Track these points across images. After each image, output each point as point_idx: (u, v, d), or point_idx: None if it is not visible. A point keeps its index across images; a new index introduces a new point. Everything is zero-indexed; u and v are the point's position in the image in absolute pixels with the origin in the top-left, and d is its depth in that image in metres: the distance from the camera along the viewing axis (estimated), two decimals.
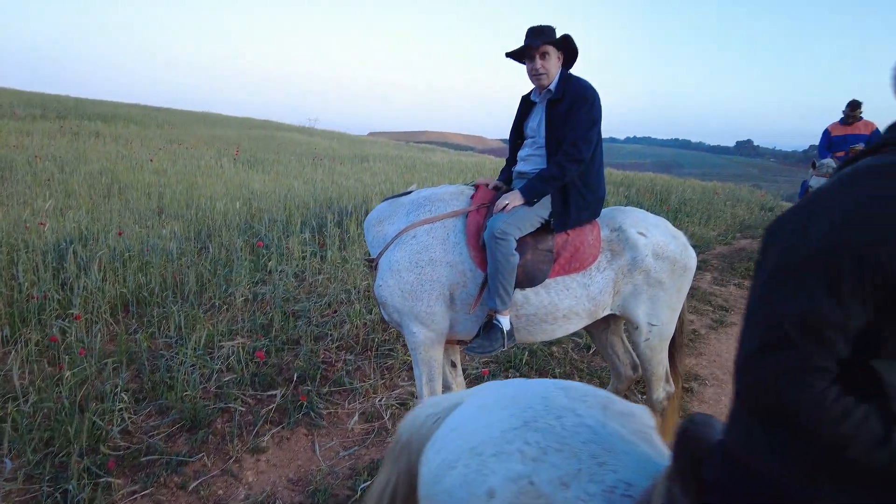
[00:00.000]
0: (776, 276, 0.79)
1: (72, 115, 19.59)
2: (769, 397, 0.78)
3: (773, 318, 0.77)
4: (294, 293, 4.51)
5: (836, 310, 0.74)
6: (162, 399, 3.07)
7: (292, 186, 8.49)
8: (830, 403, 0.74)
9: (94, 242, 4.84)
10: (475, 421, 1.22)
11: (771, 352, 0.77)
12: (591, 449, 1.08)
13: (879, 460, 0.73)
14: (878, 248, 0.72)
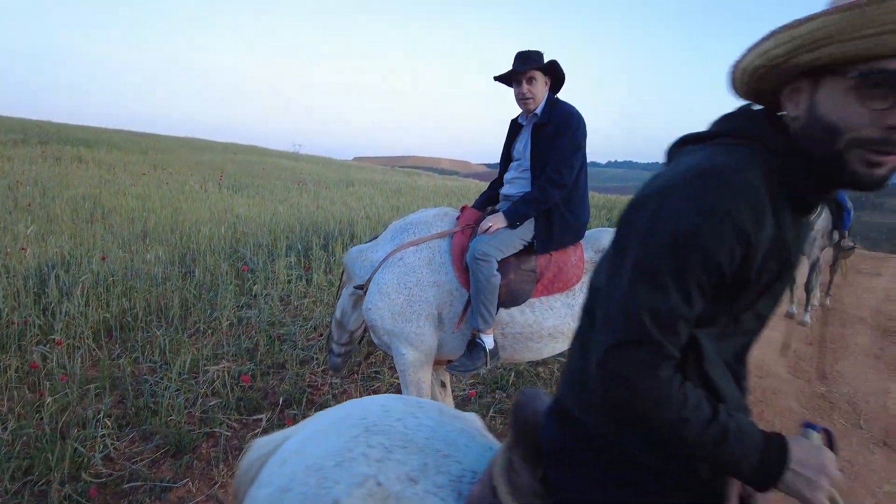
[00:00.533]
0: (634, 276, 0.85)
1: (54, 140, 19.47)
2: (624, 387, 0.85)
3: (632, 316, 0.83)
4: (279, 317, 4.50)
5: (685, 304, 0.82)
6: (146, 424, 3.03)
7: (277, 211, 8.50)
8: (675, 391, 0.83)
9: (77, 267, 4.80)
10: (309, 443, 1.18)
11: (630, 346, 0.84)
12: (435, 444, 1.11)
13: (709, 437, 0.82)
14: (716, 245, 0.80)
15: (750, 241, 0.80)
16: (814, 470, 0.84)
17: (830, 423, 3.63)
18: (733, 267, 0.82)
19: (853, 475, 3.06)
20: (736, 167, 0.84)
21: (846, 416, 3.76)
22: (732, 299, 0.86)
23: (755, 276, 0.85)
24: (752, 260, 0.82)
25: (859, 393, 4.14)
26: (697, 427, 0.83)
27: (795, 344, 5.18)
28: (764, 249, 0.83)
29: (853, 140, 0.80)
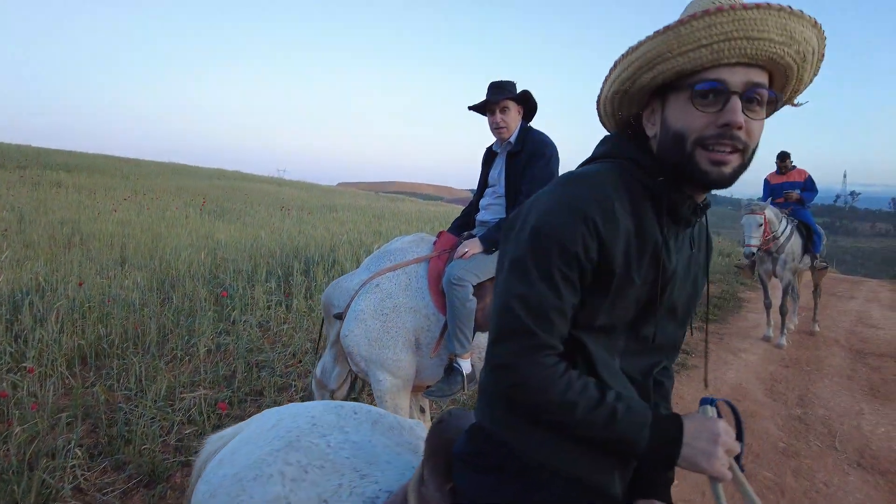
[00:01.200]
0: (507, 272, 0.94)
1: (33, 164, 19.26)
2: (508, 375, 0.92)
3: (506, 308, 0.92)
4: (258, 343, 4.47)
5: (553, 295, 0.89)
6: (119, 454, 2.97)
7: (259, 236, 8.47)
8: (558, 377, 0.90)
9: (53, 293, 4.73)
10: (243, 446, 1.22)
11: (508, 337, 0.92)
12: (355, 463, 1.13)
13: (599, 418, 0.89)
14: (569, 236, 0.89)
15: (600, 233, 0.89)
16: (706, 441, 0.89)
17: (806, 445, 3.67)
18: (591, 257, 0.89)
19: (829, 496, 3.08)
20: (592, 172, 0.96)
21: (821, 437, 3.80)
22: (604, 294, 0.92)
23: (622, 271, 0.92)
24: (610, 253, 0.90)
25: (834, 414, 4.20)
26: (584, 409, 0.89)
27: (772, 367, 5.25)
28: (623, 245, 0.91)
29: (696, 141, 0.90)
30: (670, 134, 0.94)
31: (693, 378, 4.75)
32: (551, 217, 0.91)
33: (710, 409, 0.94)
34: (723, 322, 6.90)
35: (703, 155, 0.90)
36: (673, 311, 1.04)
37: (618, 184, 0.95)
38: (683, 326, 1.09)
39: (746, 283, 9.17)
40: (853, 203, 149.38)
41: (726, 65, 0.88)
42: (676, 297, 1.03)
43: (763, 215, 5.74)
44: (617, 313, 0.95)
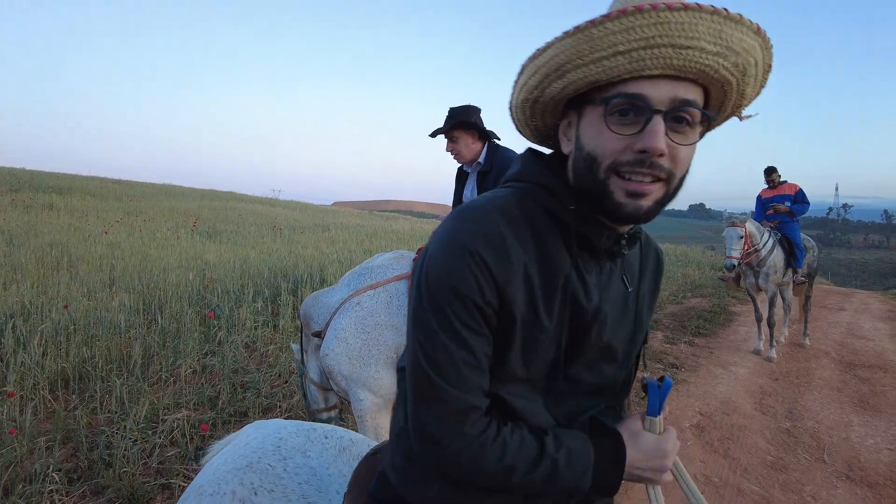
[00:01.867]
0: (411, 325, 0.83)
1: (25, 187, 19.24)
2: (436, 450, 0.81)
3: (416, 367, 0.80)
4: (244, 364, 4.44)
5: (460, 348, 0.78)
6: (98, 478, 2.93)
7: (248, 256, 8.46)
8: (491, 443, 0.79)
9: (38, 316, 4.70)
10: (220, 458, 1.25)
11: (426, 402, 0.80)
12: (305, 490, 1.14)
13: (539, 476, 0.81)
14: (461, 280, 0.77)
15: (493, 272, 0.77)
16: (654, 471, 0.85)
17: (795, 458, 3.65)
18: (489, 301, 0.78)
19: None
20: (484, 202, 0.83)
21: (810, 450, 3.78)
22: (510, 340, 0.81)
23: (527, 313, 0.81)
24: (508, 294, 0.79)
25: (823, 427, 4.19)
26: (524, 469, 0.80)
27: (762, 380, 5.24)
28: (522, 284, 0.80)
29: (610, 167, 0.77)
30: (583, 154, 0.81)
31: (682, 393, 4.73)
32: (439, 260, 0.79)
33: (658, 422, 0.87)
34: (713, 336, 6.90)
35: (618, 184, 0.77)
36: (609, 353, 0.91)
37: (514, 213, 0.82)
38: (626, 366, 0.96)
39: (737, 296, 9.19)
40: (846, 215, 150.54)
41: (648, 77, 0.74)
42: (609, 337, 0.89)
43: (744, 228, 5.80)
44: (534, 363, 0.84)
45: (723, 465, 3.51)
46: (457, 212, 0.83)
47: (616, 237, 0.86)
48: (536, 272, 0.81)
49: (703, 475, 3.36)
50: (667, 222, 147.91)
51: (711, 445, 3.77)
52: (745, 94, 0.82)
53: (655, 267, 1.02)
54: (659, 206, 0.80)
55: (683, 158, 0.78)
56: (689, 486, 0.90)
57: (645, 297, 0.98)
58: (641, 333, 0.98)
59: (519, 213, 0.82)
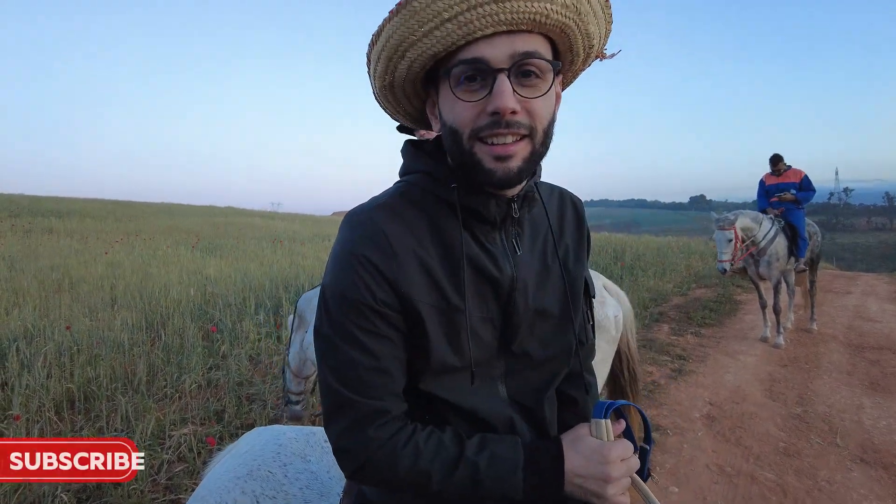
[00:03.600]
0: (316, 346, 0.82)
1: (25, 213, 19.31)
2: (348, 460, 0.80)
3: (323, 384, 0.80)
4: (248, 376, 4.42)
5: (363, 355, 0.78)
6: (107, 497, 2.91)
7: (248, 270, 8.45)
8: (402, 447, 0.78)
9: (41, 338, 4.69)
10: (221, 466, 1.25)
11: (334, 414, 0.80)
12: (307, 494, 1.13)
13: (460, 479, 0.77)
14: (350, 286, 0.77)
15: (382, 271, 0.77)
16: (596, 481, 0.78)
17: (807, 443, 3.61)
18: (385, 301, 0.77)
19: (832, 494, 3.03)
20: (364, 208, 0.83)
21: (823, 434, 3.75)
22: (425, 333, 0.80)
23: (435, 300, 0.80)
24: (405, 289, 0.78)
25: (834, 410, 4.15)
26: (441, 474, 0.77)
27: (771, 367, 5.20)
28: (418, 275, 0.79)
29: (471, 135, 0.76)
30: (446, 129, 0.79)
31: (690, 383, 4.70)
32: (330, 274, 0.80)
33: (604, 425, 0.82)
34: (719, 325, 6.87)
35: (484, 151, 0.76)
36: (545, 316, 0.90)
37: (398, 206, 0.82)
38: (567, 328, 0.93)
39: (742, 285, 9.16)
40: (847, 199, 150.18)
41: (482, 38, 0.72)
42: (537, 301, 0.88)
43: (733, 230, 5.78)
44: (466, 348, 0.82)
45: (735, 454, 3.47)
46: (344, 220, 0.83)
47: (506, 202, 0.84)
48: (433, 255, 0.81)
49: (715, 464, 3.33)
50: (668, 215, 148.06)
51: (723, 434, 3.74)
52: (590, 34, 0.80)
53: (574, 217, 0.99)
54: (530, 164, 0.78)
55: (539, 111, 0.76)
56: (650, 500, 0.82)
57: (570, 250, 0.96)
58: (577, 286, 0.95)
59: (403, 205, 0.83)
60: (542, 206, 0.93)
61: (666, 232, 26.27)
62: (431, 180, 0.85)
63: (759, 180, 6.75)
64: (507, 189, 0.82)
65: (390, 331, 0.79)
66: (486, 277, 0.84)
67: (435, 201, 0.84)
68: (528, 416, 0.89)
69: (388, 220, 0.80)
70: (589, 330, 1.03)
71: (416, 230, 0.81)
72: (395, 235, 0.79)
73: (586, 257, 1.00)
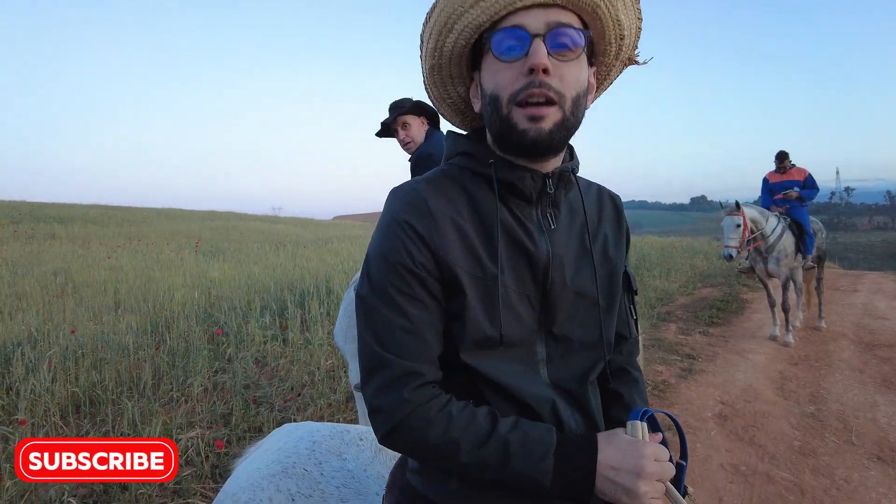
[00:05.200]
0: (358, 314, 0.86)
1: (27, 219, 19.29)
2: (381, 419, 0.81)
3: (361, 348, 0.84)
4: (255, 379, 4.38)
5: (399, 317, 0.81)
6: (115, 501, 2.87)
7: (252, 273, 8.42)
8: (436, 412, 0.79)
9: (45, 343, 4.65)
10: (252, 463, 1.23)
11: (369, 375, 0.82)
12: (343, 493, 1.11)
13: (489, 455, 0.77)
14: (392, 249, 0.82)
15: (420, 234, 0.82)
16: (629, 474, 0.75)
17: (822, 441, 3.57)
18: (423, 263, 0.82)
19: (850, 493, 2.98)
20: (409, 182, 0.89)
21: (837, 433, 3.70)
22: (462, 300, 0.83)
23: (471, 266, 0.83)
24: (443, 253, 0.82)
25: (848, 408, 4.10)
26: (471, 446, 0.77)
27: (781, 365, 5.16)
28: (455, 240, 0.83)
29: (510, 98, 0.82)
30: (487, 99, 0.86)
31: (700, 382, 4.66)
32: (375, 241, 0.86)
33: (640, 427, 0.80)
34: (727, 324, 6.82)
35: (519, 113, 0.82)
36: (585, 299, 0.91)
37: (439, 180, 0.88)
38: (610, 315, 0.95)
39: (748, 284, 9.11)
40: (849, 199, 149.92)
41: (522, 9, 0.81)
42: (576, 282, 0.90)
43: (741, 216, 5.73)
44: (501, 320, 0.84)
45: (749, 453, 3.43)
46: (389, 194, 0.89)
47: (541, 178, 0.88)
48: (470, 225, 0.85)
49: (730, 464, 3.28)
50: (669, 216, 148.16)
51: (736, 434, 3.69)
52: (620, 21, 0.87)
53: (614, 210, 1.02)
54: (561, 131, 0.83)
55: (569, 78, 0.82)
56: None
57: (609, 238, 0.98)
58: (618, 276, 0.97)
59: (444, 180, 0.89)
60: (579, 191, 0.96)
61: (668, 233, 26.26)
62: (470, 158, 0.90)
63: (763, 178, 6.71)
64: (540, 154, 0.86)
65: (426, 296, 0.82)
66: (521, 250, 0.87)
67: (473, 177, 0.89)
68: (572, 400, 0.89)
69: (429, 191, 0.86)
70: (632, 325, 1.03)
71: (455, 201, 0.86)
72: (435, 204, 0.84)
73: (625, 253, 1.02)
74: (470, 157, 0.90)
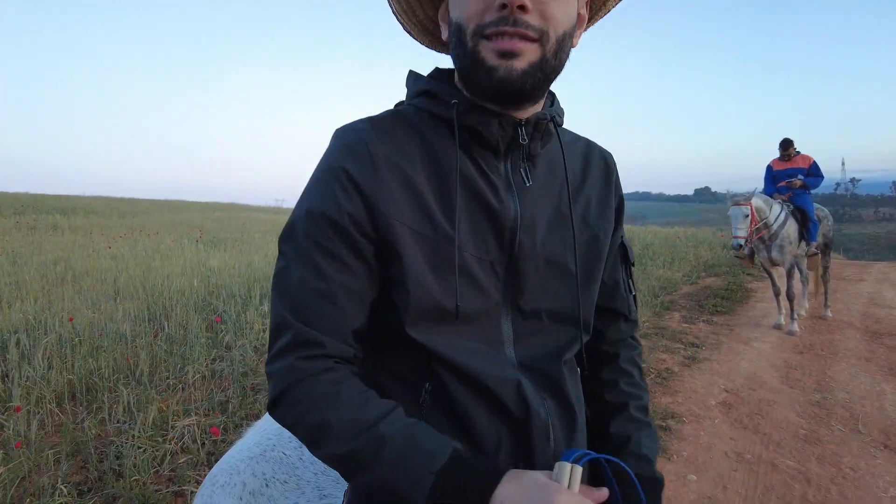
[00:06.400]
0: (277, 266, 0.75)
1: (29, 210, 19.30)
2: (273, 387, 0.70)
3: (273, 303, 0.72)
4: (253, 366, 4.33)
5: (315, 277, 0.69)
6: (109, 488, 2.83)
7: (253, 261, 8.37)
8: (320, 390, 0.67)
9: (42, 330, 4.62)
10: (240, 443, 1.19)
11: (271, 340, 0.71)
12: (321, 480, 1.05)
13: (359, 448, 0.63)
14: (320, 200, 0.70)
15: (357, 182, 0.69)
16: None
17: (828, 430, 3.51)
18: (354, 217, 0.69)
19: (857, 481, 2.92)
20: (351, 123, 0.76)
21: (844, 421, 3.64)
22: (399, 261, 0.70)
23: (419, 221, 0.71)
24: (381, 205, 0.69)
25: (854, 397, 4.04)
26: (343, 434, 0.64)
27: (786, 354, 5.09)
28: (399, 190, 0.70)
29: (475, 31, 0.68)
30: (452, 28, 0.72)
31: (705, 370, 4.59)
32: (307, 186, 0.73)
33: (568, 470, 0.62)
34: (731, 313, 6.75)
35: (487, 46, 0.68)
36: (558, 269, 0.78)
37: (388, 122, 0.75)
38: (589, 287, 0.82)
39: (752, 273, 9.03)
40: (854, 190, 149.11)
41: None
42: (546, 246, 0.77)
43: (749, 206, 5.65)
44: (453, 287, 0.70)
45: (754, 441, 3.37)
46: (332, 136, 0.76)
47: (512, 125, 0.74)
48: (421, 175, 0.72)
49: (734, 452, 3.23)
50: (673, 207, 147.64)
51: (741, 422, 3.64)
52: None
53: (604, 170, 0.89)
54: (537, 72, 0.69)
55: (554, 14, 0.68)
56: None
57: (592, 202, 0.85)
58: (600, 245, 0.84)
59: (393, 122, 0.75)
60: (560, 144, 0.81)
61: (672, 224, 26.15)
62: (429, 99, 0.76)
63: (767, 165, 6.62)
64: (511, 99, 0.71)
65: (350, 257, 0.70)
66: (483, 207, 0.73)
67: (431, 121, 0.76)
68: (541, 380, 0.76)
69: (373, 133, 0.73)
70: (632, 302, 0.93)
71: (405, 147, 0.73)
72: (377, 147, 0.71)
73: (617, 221, 0.89)
74: (430, 96, 0.76)
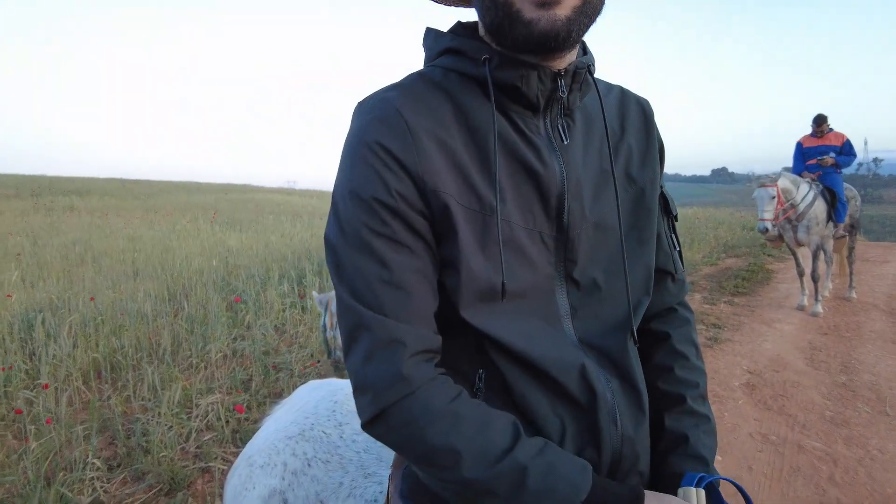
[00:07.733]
0: (329, 264, 0.68)
1: (46, 192, 19.51)
2: (366, 403, 0.63)
3: (339, 306, 0.65)
4: (274, 345, 4.36)
5: (377, 265, 0.63)
6: (137, 464, 2.87)
7: (270, 242, 8.40)
8: (437, 404, 0.61)
9: (66, 309, 4.67)
10: (272, 423, 1.16)
11: (353, 343, 0.64)
12: (363, 459, 1.02)
13: (500, 475, 0.59)
14: (363, 182, 0.63)
15: (397, 157, 0.62)
16: None
17: (855, 412, 3.46)
18: (404, 195, 0.63)
19: (885, 463, 2.89)
20: (376, 93, 0.68)
21: (870, 403, 3.59)
22: (454, 236, 0.64)
23: (463, 191, 0.65)
24: (427, 174, 0.63)
25: (881, 379, 3.98)
26: (477, 462, 0.59)
27: (810, 335, 5.03)
28: (440, 159, 0.64)
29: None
30: None
31: (727, 351, 4.55)
32: (341, 171, 0.66)
33: (694, 495, 0.64)
34: (753, 294, 6.66)
35: None
36: (606, 231, 0.73)
37: (415, 85, 0.68)
38: (644, 247, 0.76)
39: (774, 254, 8.91)
40: (877, 170, 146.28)
41: None
42: (595, 210, 0.72)
43: (775, 187, 5.51)
44: (499, 263, 0.65)
45: (779, 423, 3.34)
46: (355, 109, 0.69)
47: (551, 77, 0.67)
48: (457, 139, 0.66)
49: (759, 433, 3.20)
50: (690, 188, 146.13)
51: (765, 403, 3.60)
52: None
53: (641, 116, 0.81)
54: (581, 17, 0.61)
55: None
56: None
57: (633, 152, 0.78)
58: (648, 200, 0.77)
59: (422, 86, 0.68)
60: (598, 94, 0.75)
61: (689, 205, 25.86)
62: (457, 57, 0.69)
63: (797, 142, 6.43)
64: (554, 49, 0.63)
65: (410, 237, 0.64)
66: (527, 173, 0.67)
67: (461, 81, 0.68)
68: (605, 359, 0.71)
69: (403, 101, 0.65)
70: (676, 258, 0.85)
71: (438, 112, 0.66)
72: (413, 116, 0.64)
73: (659, 169, 0.82)
74: (457, 54, 0.69)
